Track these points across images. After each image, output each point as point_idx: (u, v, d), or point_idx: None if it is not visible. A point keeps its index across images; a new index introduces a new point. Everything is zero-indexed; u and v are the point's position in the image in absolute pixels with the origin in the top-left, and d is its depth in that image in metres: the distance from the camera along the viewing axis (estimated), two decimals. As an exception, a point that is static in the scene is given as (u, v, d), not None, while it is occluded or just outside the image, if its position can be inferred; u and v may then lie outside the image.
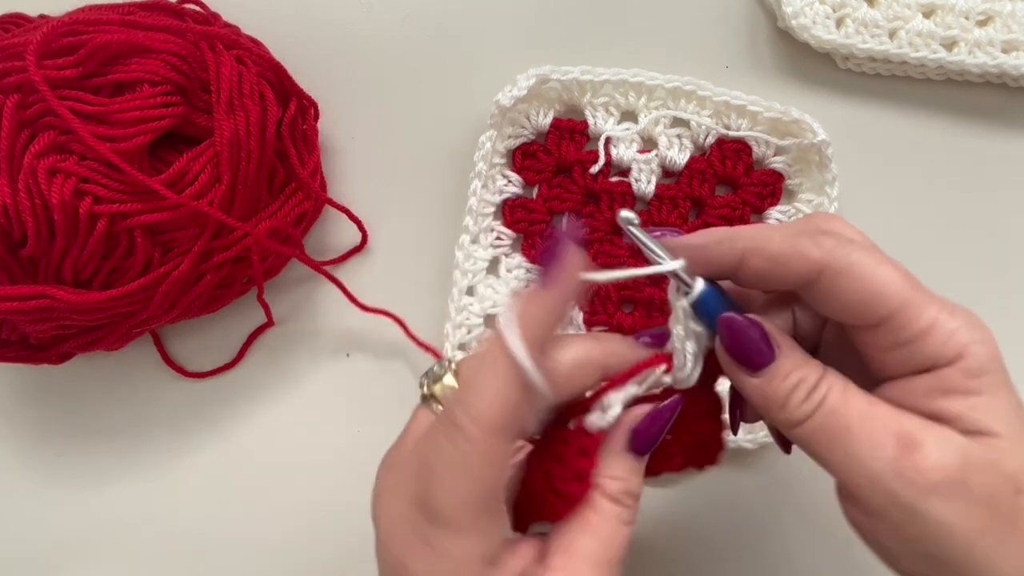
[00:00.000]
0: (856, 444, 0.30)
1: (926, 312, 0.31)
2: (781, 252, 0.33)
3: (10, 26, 0.45)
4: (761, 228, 0.35)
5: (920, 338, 0.31)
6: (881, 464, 0.30)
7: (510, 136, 0.51)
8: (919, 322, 0.31)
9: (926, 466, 0.29)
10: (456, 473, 0.29)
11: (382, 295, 0.52)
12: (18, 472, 0.53)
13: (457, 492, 0.29)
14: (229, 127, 0.43)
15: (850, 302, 0.32)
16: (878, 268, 0.31)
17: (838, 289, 0.32)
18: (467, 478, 0.29)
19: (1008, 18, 0.50)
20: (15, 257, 0.42)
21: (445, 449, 0.30)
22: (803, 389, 0.32)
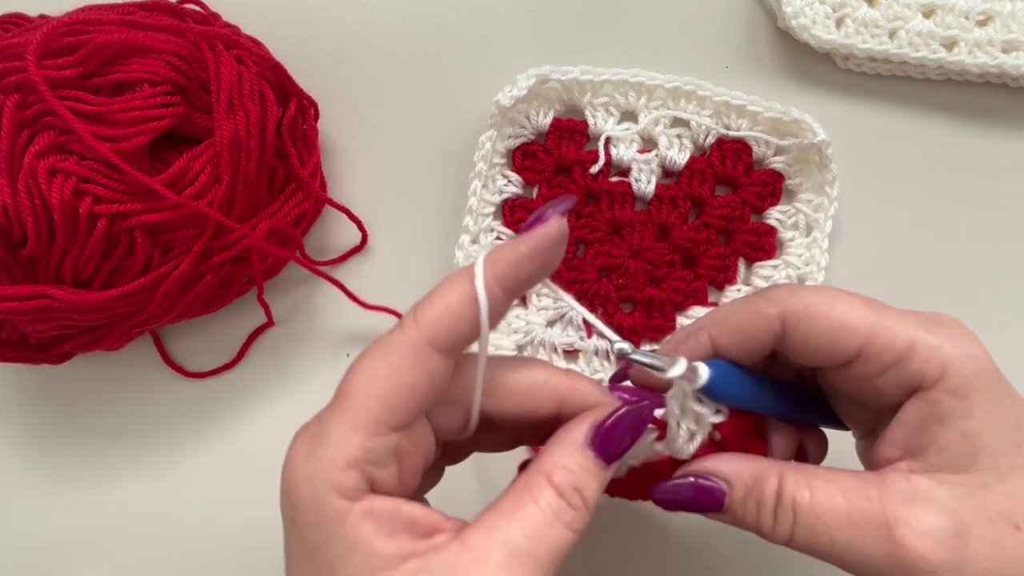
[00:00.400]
0: (848, 551, 0.30)
1: (900, 333, 0.31)
2: (740, 320, 0.33)
3: (10, 26, 0.45)
4: (719, 309, 0.36)
5: (902, 359, 0.31)
6: (880, 562, 0.29)
7: (510, 136, 0.51)
8: (896, 344, 0.31)
9: (923, 550, 0.29)
10: (377, 360, 0.29)
11: (382, 295, 0.52)
12: (18, 472, 0.53)
13: (368, 377, 0.29)
14: (229, 127, 0.43)
15: (821, 343, 0.32)
16: (835, 303, 0.32)
17: (805, 335, 0.32)
18: (386, 368, 0.29)
19: (1008, 18, 0.50)
20: (15, 257, 0.42)
21: (379, 340, 0.30)
22: (766, 513, 0.31)
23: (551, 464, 0.30)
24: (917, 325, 0.31)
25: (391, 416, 0.29)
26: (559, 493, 0.29)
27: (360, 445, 0.28)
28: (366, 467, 0.28)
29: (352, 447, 0.28)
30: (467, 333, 0.30)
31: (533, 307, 0.51)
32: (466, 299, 0.29)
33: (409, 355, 0.29)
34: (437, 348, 0.29)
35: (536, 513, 0.29)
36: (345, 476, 0.28)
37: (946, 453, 0.30)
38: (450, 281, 0.30)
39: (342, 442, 0.28)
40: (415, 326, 0.29)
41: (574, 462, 0.30)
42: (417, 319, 0.29)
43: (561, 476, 0.29)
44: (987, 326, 0.51)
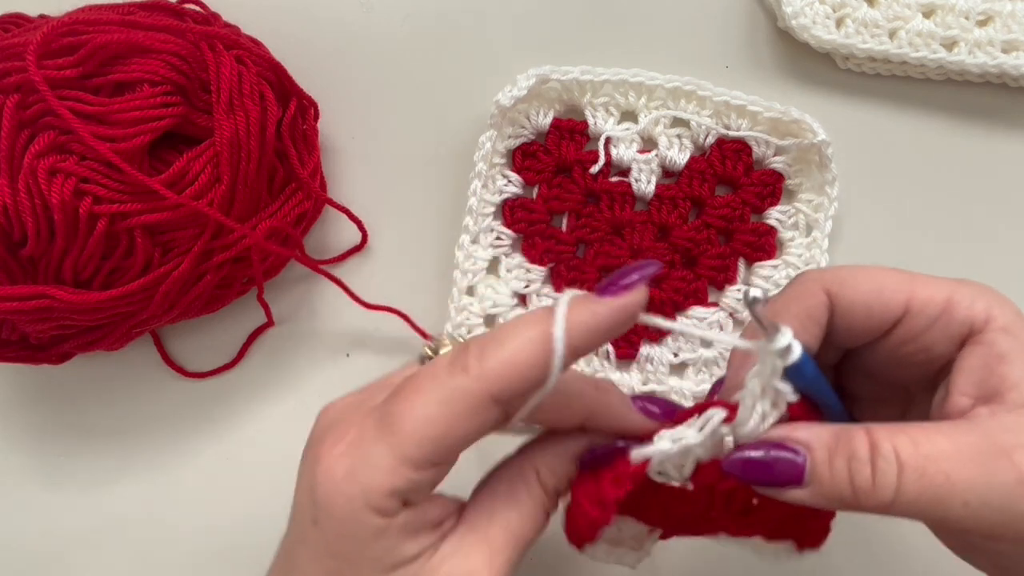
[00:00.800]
0: (972, 488, 0.27)
1: (938, 288, 0.32)
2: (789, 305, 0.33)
3: (10, 26, 0.45)
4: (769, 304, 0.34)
5: (948, 310, 0.31)
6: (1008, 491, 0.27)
7: (510, 136, 0.51)
8: (938, 296, 0.31)
9: None
10: (438, 403, 0.28)
11: (382, 295, 0.52)
12: (18, 472, 0.53)
13: (424, 417, 0.28)
14: (229, 127, 0.43)
15: (868, 303, 0.32)
16: (869, 270, 0.33)
17: (851, 300, 0.32)
18: (444, 414, 0.28)
19: (1008, 18, 0.50)
20: (15, 257, 0.42)
21: (438, 375, 0.29)
22: (862, 468, 0.28)
23: (541, 463, 0.33)
24: (949, 283, 0.32)
25: (440, 457, 0.29)
26: (544, 491, 0.32)
27: (406, 478, 0.29)
28: (406, 494, 0.29)
29: (398, 479, 0.29)
30: (528, 390, 0.29)
31: (533, 307, 0.51)
32: (535, 357, 0.28)
33: (470, 406, 0.28)
34: (497, 401, 0.29)
35: (529, 503, 0.32)
36: (386, 501, 0.29)
37: (1019, 389, 0.29)
38: (522, 327, 0.29)
39: (389, 473, 0.29)
40: (480, 374, 0.28)
41: (561, 470, 0.32)
42: (483, 365, 0.28)
43: (548, 478, 0.32)
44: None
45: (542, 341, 0.28)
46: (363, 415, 0.30)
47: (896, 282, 0.32)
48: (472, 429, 0.29)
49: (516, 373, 0.28)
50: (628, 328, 0.29)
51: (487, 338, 0.29)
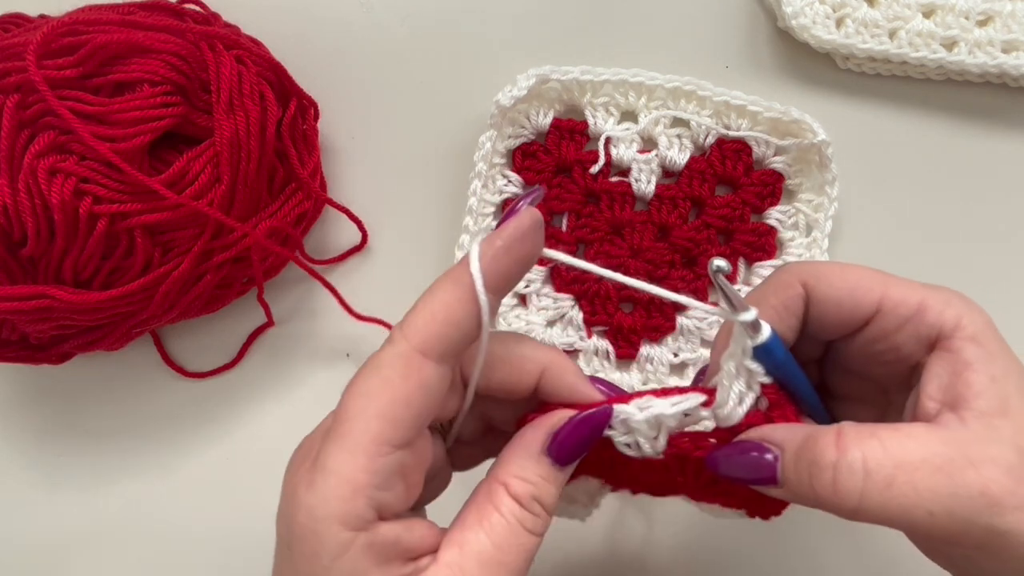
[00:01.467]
0: (936, 499, 0.27)
1: (911, 292, 0.32)
2: (767, 294, 0.34)
3: (10, 26, 0.45)
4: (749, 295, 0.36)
5: (919, 313, 0.32)
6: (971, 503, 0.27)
7: (510, 136, 0.51)
8: (911, 299, 0.32)
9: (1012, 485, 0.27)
10: (369, 377, 0.28)
11: (382, 295, 0.52)
12: (18, 472, 0.53)
13: (362, 396, 0.28)
14: (229, 127, 0.43)
15: (841, 300, 0.32)
16: (846, 267, 0.33)
17: (825, 294, 0.33)
18: (378, 383, 0.28)
19: (1008, 18, 0.50)
20: (15, 257, 0.42)
21: (370, 358, 0.29)
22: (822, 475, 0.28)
23: (507, 474, 0.31)
24: (923, 288, 0.32)
25: (391, 433, 0.28)
26: (519, 503, 0.30)
27: (363, 469, 0.27)
28: (372, 492, 0.28)
29: (355, 472, 0.27)
30: (457, 337, 0.29)
31: (533, 307, 0.51)
32: (452, 302, 0.29)
33: (400, 368, 0.28)
34: (429, 356, 0.28)
35: (501, 522, 0.30)
36: (350, 505, 0.27)
37: (984, 397, 0.29)
38: (434, 287, 0.30)
39: (344, 469, 0.27)
40: (403, 337, 0.29)
41: (531, 472, 0.31)
42: (405, 329, 0.29)
43: (519, 487, 0.30)
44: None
45: (451, 285, 0.29)
46: (319, 435, 0.30)
47: (871, 281, 0.32)
48: (412, 392, 0.28)
49: (433, 320, 0.29)
50: (536, 251, 0.30)
51: (407, 313, 0.30)
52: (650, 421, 0.32)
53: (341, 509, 0.27)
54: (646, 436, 0.32)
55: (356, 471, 0.27)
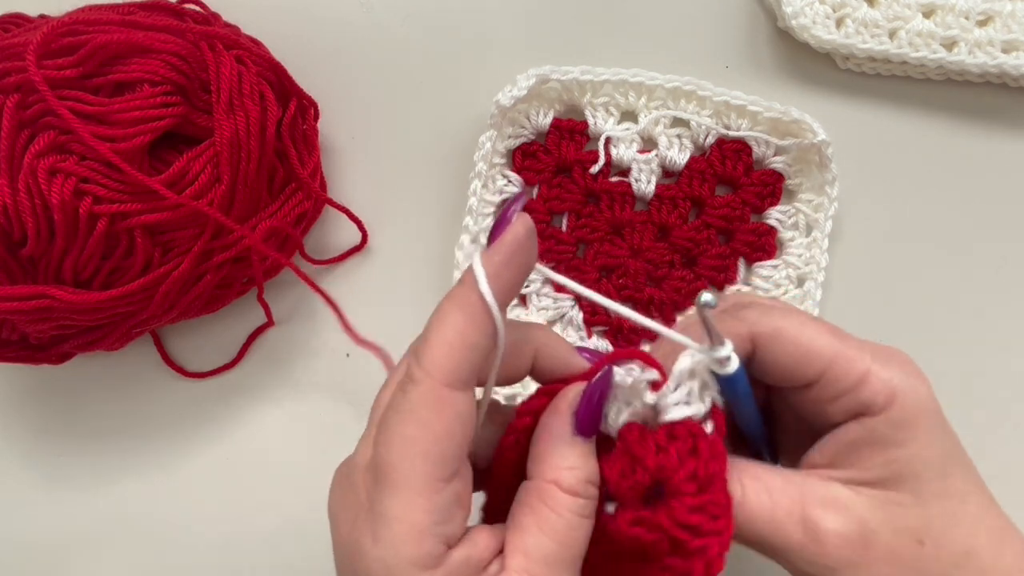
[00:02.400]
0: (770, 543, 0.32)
1: (858, 363, 0.32)
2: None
3: (10, 26, 0.45)
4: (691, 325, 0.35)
5: (856, 387, 0.32)
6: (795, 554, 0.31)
7: (510, 136, 0.51)
8: (853, 372, 0.32)
9: (830, 547, 0.31)
10: (404, 423, 0.28)
11: (382, 295, 0.52)
12: (18, 472, 0.53)
13: (403, 443, 0.28)
14: (229, 127, 0.43)
15: (787, 365, 0.33)
16: (803, 328, 0.33)
17: (773, 356, 0.33)
18: (415, 427, 0.28)
19: (1008, 18, 0.50)
20: (15, 257, 0.42)
21: (396, 402, 0.29)
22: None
23: (553, 470, 0.31)
24: (874, 357, 0.32)
25: (441, 471, 0.28)
26: (575, 494, 0.30)
27: (424, 510, 0.28)
28: (437, 529, 0.28)
29: (417, 515, 0.28)
30: (478, 360, 0.29)
31: (533, 307, 0.51)
32: (465, 327, 0.29)
33: (432, 406, 0.28)
34: (455, 387, 0.29)
35: (561, 523, 0.30)
36: (420, 548, 0.28)
37: (870, 472, 0.32)
38: (442, 314, 0.30)
39: (405, 515, 0.28)
40: (425, 373, 0.29)
41: (573, 458, 0.31)
42: (425, 365, 0.29)
43: (570, 477, 0.31)
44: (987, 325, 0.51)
45: (458, 310, 0.29)
46: (362, 477, 0.30)
47: (821, 349, 0.32)
48: (450, 426, 0.29)
49: (452, 350, 0.29)
50: (533, 258, 0.30)
51: (419, 341, 0.30)
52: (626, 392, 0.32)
53: (414, 553, 0.28)
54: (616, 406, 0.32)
55: (418, 513, 0.28)
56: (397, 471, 0.28)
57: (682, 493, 0.30)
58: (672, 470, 0.31)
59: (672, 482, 0.31)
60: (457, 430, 0.29)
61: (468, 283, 0.29)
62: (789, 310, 0.34)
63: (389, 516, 0.28)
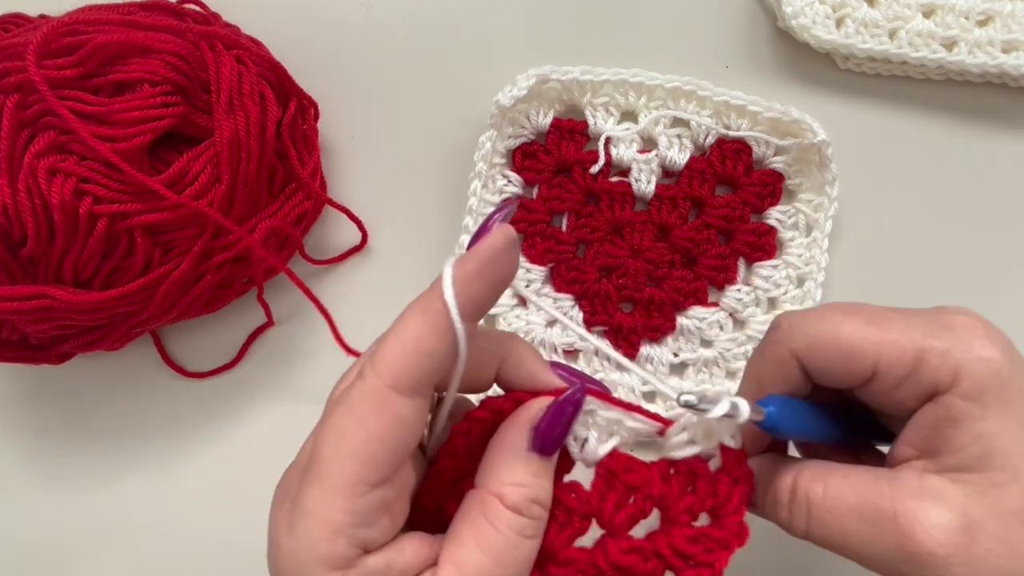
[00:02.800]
0: (860, 544, 0.30)
1: (908, 345, 0.31)
2: (763, 373, 0.34)
3: (10, 26, 0.45)
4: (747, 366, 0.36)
5: (914, 371, 0.31)
6: (891, 555, 0.30)
7: (510, 136, 0.51)
8: (905, 357, 0.31)
9: (931, 544, 0.29)
10: (340, 418, 0.27)
11: (382, 295, 0.52)
12: (18, 472, 0.53)
13: (335, 438, 0.27)
14: (229, 127, 0.43)
15: (835, 371, 0.32)
16: (841, 328, 0.32)
17: (819, 365, 0.32)
18: (350, 424, 0.27)
19: (1008, 18, 0.50)
20: (15, 257, 0.42)
21: (341, 396, 0.28)
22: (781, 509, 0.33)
23: (498, 483, 0.29)
24: (924, 332, 0.31)
25: (368, 473, 0.27)
26: (517, 512, 0.29)
27: (341, 509, 0.27)
28: (353, 531, 0.27)
29: (333, 513, 0.27)
30: (430, 368, 0.28)
31: (533, 307, 0.51)
32: (424, 332, 0.27)
33: (372, 405, 0.27)
34: (401, 391, 0.27)
35: (498, 539, 0.29)
36: (331, 546, 0.27)
37: (960, 454, 0.30)
38: (404, 316, 0.28)
39: (321, 510, 0.27)
40: (373, 372, 0.27)
41: (522, 474, 0.29)
42: (376, 364, 0.27)
43: (516, 494, 0.29)
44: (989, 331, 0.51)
45: (421, 314, 0.28)
46: (298, 468, 0.29)
47: (865, 342, 0.31)
48: (387, 429, 0.27)
49: (404, 354, 0.27)
50: (511, 272, 0.29)
51: (378, 341, 0.28)
52: (611, 420, 0.31)
53: (323, 551, 0.27)
54: (600, 433, 0.32)
55: (334, 512, 0.27)
56: (323, 465, 0.27)
57: (680, 524, 0.31)
58: (673, 500, 0.32)
59: (671, 512, 0.31)
60: (394, 435, 0.27)
61: (435, 289, 0.28)
62: (823, 311, 0.33)
63: (306, 509, 0.27)
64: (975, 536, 0.29)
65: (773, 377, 0.34)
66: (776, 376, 0.34)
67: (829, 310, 0.33)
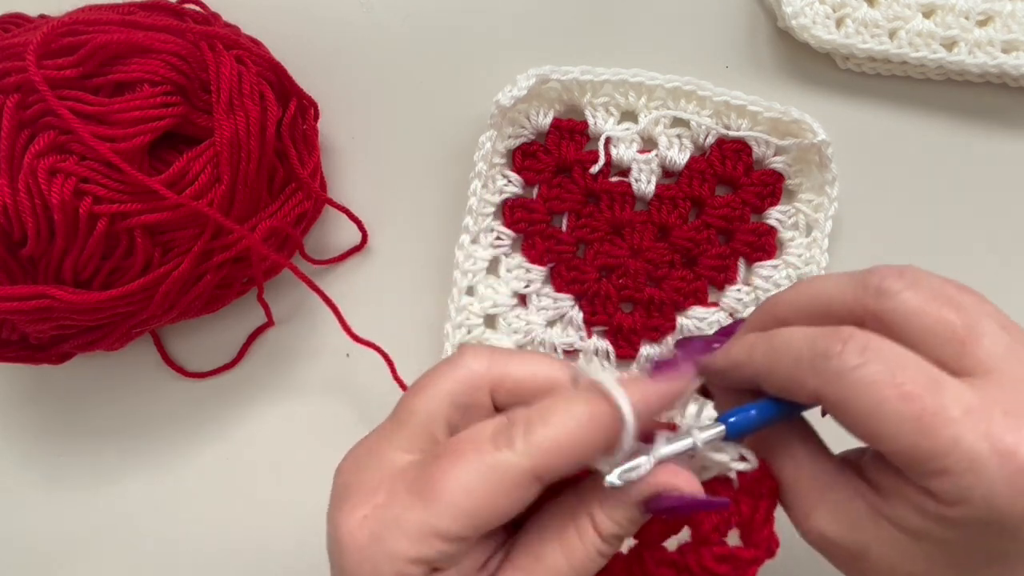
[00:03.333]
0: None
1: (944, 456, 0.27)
2: (783, 384, 0.31)
3: (10, 26, 0.45)
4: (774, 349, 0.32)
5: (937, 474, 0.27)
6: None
7: (510, 136, 0.51)
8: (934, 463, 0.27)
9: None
10: (475, 473, 0.28)
11: (382, 295, 0.52)
12: (18, 472, 0.53)
13: (462, 485, 0.28)
14: (229, 127, 0.43)
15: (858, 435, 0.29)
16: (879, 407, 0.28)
17: (842, 421, 0.30)
18: (483, 486, 0.28)
19: (1008, 18, 0.50)
20: (15, 257, 0.42)
21: (482, 447, 0.28)
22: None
23: (599, 508, 0.30)
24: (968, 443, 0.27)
25: (474, 532, 0.28)
26: (602, 539, 0.30)
27: (436, 549, 0.28)
28: (435, 563, 0.28)
29: (427, 549, 0.28)
30: (575, 469, 0.29)
31: (533, 307, 0.51)
32: (584, 440, 0.28)
33: (512, 483, 0.28)
34: (540, 481, 0.28)
35: (580, 550, 0.30)
36: (414, 568, 0.28)
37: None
38: (571, 405, 0.28)
39: (418, 542, 0.28)
40: (526, 451, 0.28)
41: (622, 515, 0.30)
42: (530, 442, 0.28)
43: (606, 526, 0.30)
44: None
45: (593, 423, 0.28)
46: (392, 476, 0.29)
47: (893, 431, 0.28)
48: (511, 506, 0.28)
49: (562, 455, 0.28)
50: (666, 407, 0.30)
51: (533, 412, 0.29)
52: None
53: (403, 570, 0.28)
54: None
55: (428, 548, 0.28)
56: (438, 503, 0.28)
57: (710, 543, 0.32)
58: (699, 520, 0.32)
59: (700, 531, 0.32)
60: (510, 512, 0.28)
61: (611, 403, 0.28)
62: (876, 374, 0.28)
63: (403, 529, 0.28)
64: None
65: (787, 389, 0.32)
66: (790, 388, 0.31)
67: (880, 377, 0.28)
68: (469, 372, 0.31)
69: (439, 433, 0.30)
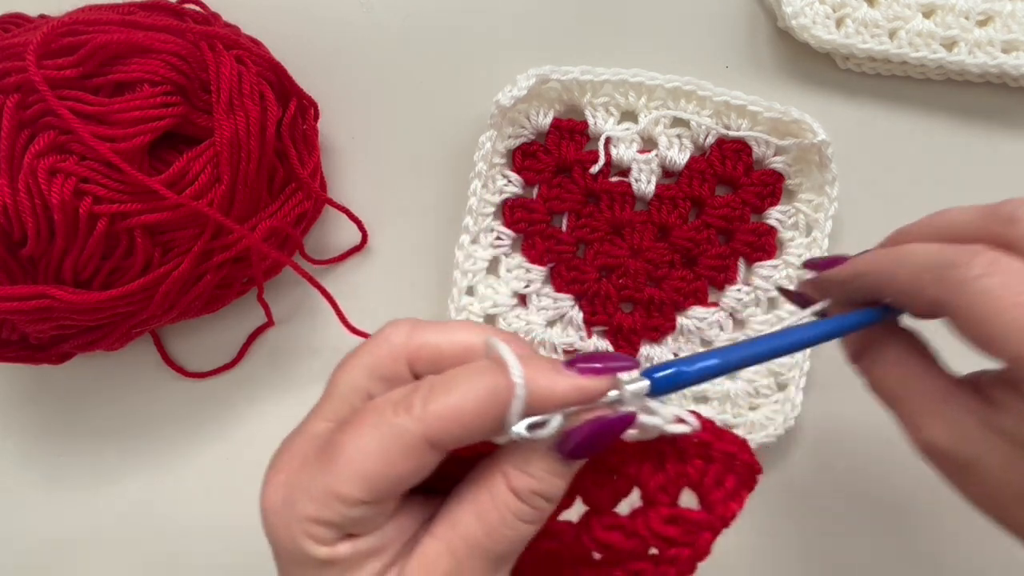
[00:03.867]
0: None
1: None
2: (904, 289, 0.32)
3: (10, 26, 0.45)
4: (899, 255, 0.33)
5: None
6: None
7: (510, 136, 0.51)
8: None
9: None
10: (373, 436, 0.28)
11: (382, 295, 0.52)
12: (18, 472, 0.53)
13: (360, 449, 0.27)
14: (229, 127, 0.43)
15: (971, 339, 0.30)
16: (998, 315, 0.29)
17: (958, 325, 0.30)
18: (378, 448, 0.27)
19: (1008, 18, 0.50)
20: (15, 257, 0.42)
21: (383, 412, 0.28)
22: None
23: (509, 464, 0.29)
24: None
25: (373, 495, 0.28)
26: (518, 497, 0.29)
27: (338, 513, 0.28)
28: (344, 528, 0.28)
29: (329, 512, 0.28)
30: (471, 439, 0.28)
31: (533, 307, 0.51)
32: (481, 410, 0.27)
33: (405, 447, 0.27)
34: (435, 448, 0.28)
35: (492, 512, 0.29)
36: (321, 530, 0.28)
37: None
38: (475, 376, 0.28)
39: (321, 505, 0.28)
40: (421, 416, 0.27)
41: (535, 466, 0.29)
42: (427, 408, 0.27)
43: (519, 481, 0.29)
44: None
45: (490, 395, 0.27)
46: (309, 442, 0.30)
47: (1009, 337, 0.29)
48: (409, 472, 0.28)
49: (457, 422, 0.27)
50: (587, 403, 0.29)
51: (438, 380, 0.28)
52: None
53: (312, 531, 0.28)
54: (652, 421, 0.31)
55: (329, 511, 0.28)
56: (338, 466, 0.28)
57: (658, 503, 0.31)
58: (646, 480, 0.31)
59: (647, 491, 0.31)
60: (409, 478, 0.28)
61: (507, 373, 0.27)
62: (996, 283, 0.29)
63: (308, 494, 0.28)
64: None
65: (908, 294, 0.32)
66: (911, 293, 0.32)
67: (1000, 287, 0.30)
68: (388, 344, 0.31)
69: (359, 404, 0.30)
